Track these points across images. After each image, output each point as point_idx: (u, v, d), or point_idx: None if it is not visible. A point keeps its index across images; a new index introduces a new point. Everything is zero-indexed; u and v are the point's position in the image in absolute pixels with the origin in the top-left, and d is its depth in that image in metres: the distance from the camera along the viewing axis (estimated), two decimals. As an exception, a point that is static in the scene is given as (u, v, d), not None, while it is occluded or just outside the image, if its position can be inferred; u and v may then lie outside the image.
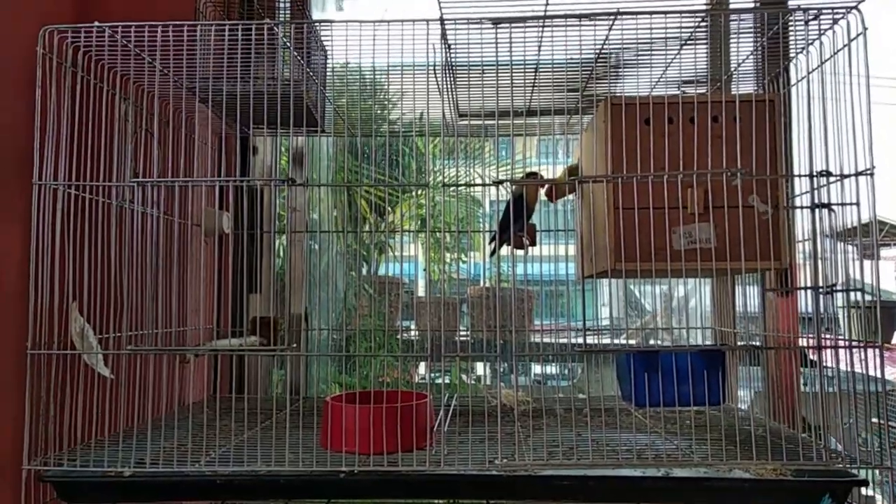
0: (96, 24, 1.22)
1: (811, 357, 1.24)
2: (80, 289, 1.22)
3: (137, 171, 1.30)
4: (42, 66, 1.20)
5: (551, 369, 2.49)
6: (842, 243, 1.20)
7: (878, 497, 1.59)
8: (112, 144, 1.33)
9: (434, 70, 1.28)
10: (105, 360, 1.23)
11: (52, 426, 1.17)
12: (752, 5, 1.65)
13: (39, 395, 1.16)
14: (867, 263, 1.19)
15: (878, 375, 1.12)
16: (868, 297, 1.17)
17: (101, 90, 1.33)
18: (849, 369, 1.17)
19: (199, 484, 1.09)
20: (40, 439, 1.15)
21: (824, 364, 1.20)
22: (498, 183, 1.22)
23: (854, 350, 1.16)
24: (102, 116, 1.32)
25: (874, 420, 1.17)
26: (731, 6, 1.61)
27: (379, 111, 1.92)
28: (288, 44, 1.37)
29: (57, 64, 1.22)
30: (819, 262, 1.19)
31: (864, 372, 1.15)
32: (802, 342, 1.53)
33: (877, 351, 1.13)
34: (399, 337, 1.95)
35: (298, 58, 1.42)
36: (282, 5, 1.74)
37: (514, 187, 1.42)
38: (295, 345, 1.65)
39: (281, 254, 2.14)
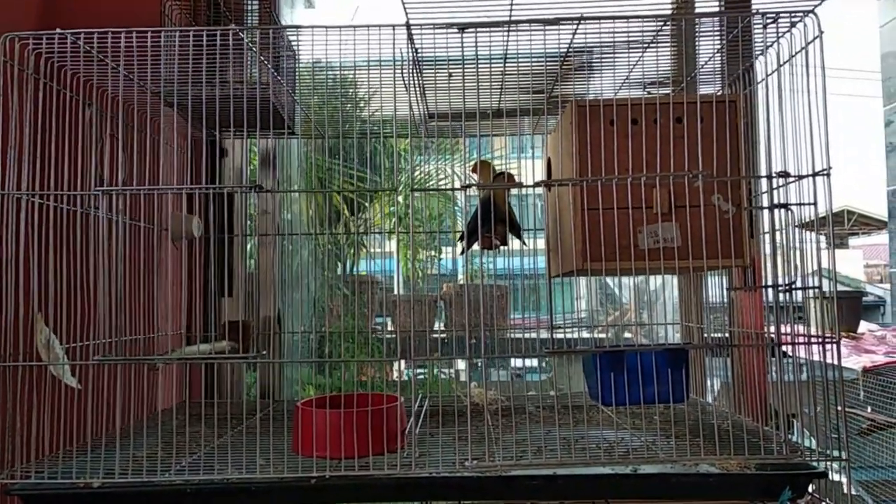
0: (58, 31, 1.20)
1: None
2: (46, 299, 1.20)
3: (103, 178, 1.29)
4: (3, 74, 1.18)
5: (530, 362, 2.52)
6: (808, 233, 1.23)
7: (845, 482, 1.64)
8: (77, 151, 1.31)
9: (402, 74, 1.28)
10: (72, 369, 1.22)
11: (18, 438, 1.16)
12: (716, 4, 1.68)
13: (5, 408, 1.14)
14: (826, 259, 1.21)
15: (836, 370, 1.16)
16: (827, 289, 1.21)
17: (65, 97, 1.31)
18: (808, 359, 1.21)
19: (170, 493, 1.09)
20: (7, 451, 1.14)
21: (790, 354, 1.23)
22: (466, 187, 1.23)
23: (814, 344, 1.19)
24: (67, 123, 1.30)
25: (837, 409, 1.20)
26: (696, 5, 1.64)
27: (349, 108, 1.92)
28: (254, 48, 1.36)
29: (19, 71, 1.21)
30: (778, 260, 1.22)
31: (823, 363, 1.18)
32: (767, 336, 1.56)
33: (835, 345, 1.17)
34: (374, 336, 1.96)
35: (266, 62, 1.42)
36: (249, 7, 1.73)
37: (481, 193, 1.44)
38: (265, 352, 1.65)
39: (254, 255, 2.13)
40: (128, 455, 1.19)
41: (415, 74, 1.43)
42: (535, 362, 2.49)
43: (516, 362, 2.46)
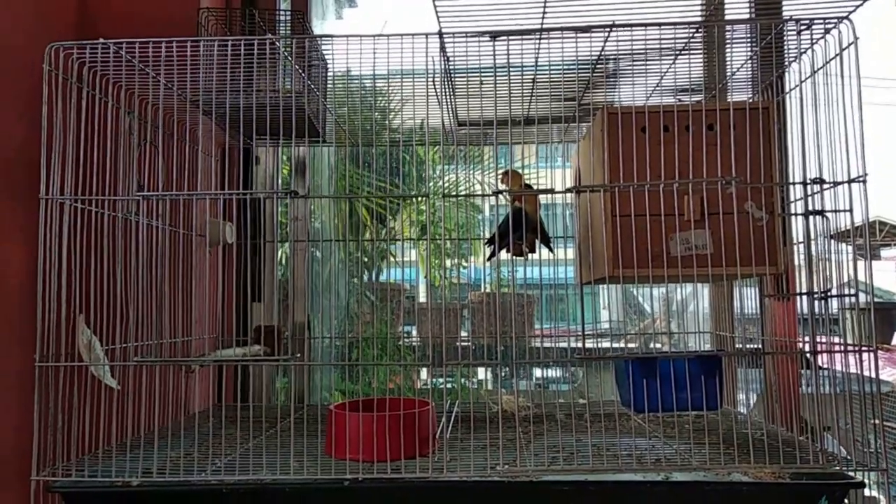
0: (101, 40, 1.24)
1: (810, 359, 1.26)
2: (87, 301, 1.23)
3: (142, 184, 1.32)
4: (48, 83, 1.22)
5: (554, 373, 2.51)
6: (843, 245, 1.22)
7: (882, 499, 1.60)
8: (117, 158, 1.34)
9: (433, 82, 1.29)
10: (112, 371, 1.25)
11: (60, 437, 1.18)
12: (747, 12, 1.67)
13: (48, 407, 1.17)
14: (863, 267, 1.20)
15: (873, 381, 1.14)
16: (863, 299, 1.19)
17: (106, 104, 1.35)
18: (845, 371, 1.19)
19: (206, 493, 1.11)
20: (48, 450, 1.17)
21: (824, 366, 1.21)
22: (497, 193, 1.24)
23: (851, 353, 1.17)
24: (108, 130, 1.34)
25: (873, 422, 1.18)
26: (727, 12, 1.63)
27: (379, 119, 1.94)
28: (289, 57, 1.39)
29: (63, 80, 1.24)
30: (814, 267, 1.20)
31: (860, 374, 1.16)
32: (801, 345, 1.54)
33: (873, 354, 1.15)
34: (402, 343, 1.97)
35: (299, 71, 1.44)
36: (282, 17, 1.76)
37: (511, 206, 1.44)
38: (299, 354, 1.67)
39: (283, 262, 2.16)
40: (164, 455, 1.21)
41: (446, 83, 1.44)
42: (559, 373, 2.48)
43: (540, 373, 2.45)
